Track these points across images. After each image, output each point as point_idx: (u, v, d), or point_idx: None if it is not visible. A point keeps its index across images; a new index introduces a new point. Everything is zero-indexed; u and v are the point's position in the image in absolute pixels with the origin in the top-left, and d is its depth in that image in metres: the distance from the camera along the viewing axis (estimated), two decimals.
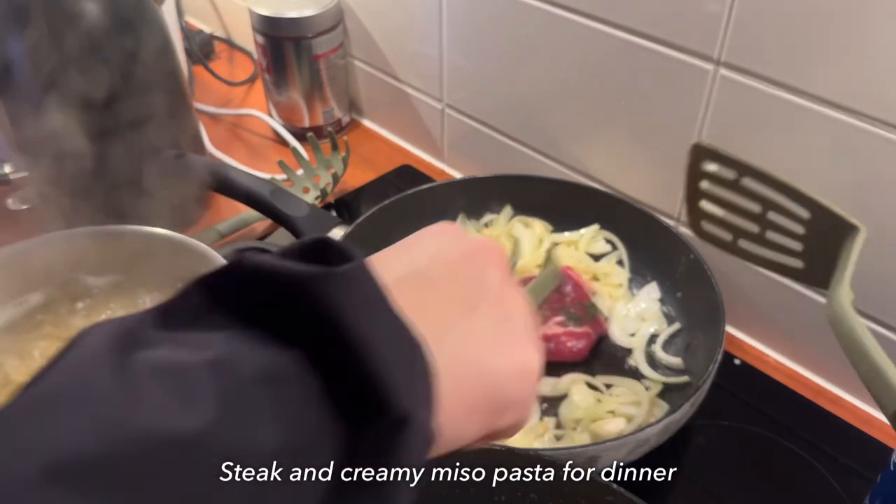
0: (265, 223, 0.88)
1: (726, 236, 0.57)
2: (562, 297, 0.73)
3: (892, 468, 0.50)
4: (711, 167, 0.55)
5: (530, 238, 0.81)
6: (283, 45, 0.95)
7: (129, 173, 0.71)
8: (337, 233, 0.75)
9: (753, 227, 0.55)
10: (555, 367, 0.70)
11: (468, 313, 0.31)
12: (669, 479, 0.60)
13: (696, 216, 0.58)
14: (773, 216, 0.53)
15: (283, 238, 0.83)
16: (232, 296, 0.25)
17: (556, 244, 0.80)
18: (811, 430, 0.66)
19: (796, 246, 0.53)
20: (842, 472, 0.63)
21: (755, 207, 0.54)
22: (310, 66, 0.97)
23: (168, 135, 0.81)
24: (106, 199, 0.69)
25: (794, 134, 0.63)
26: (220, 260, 0.60)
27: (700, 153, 0.55)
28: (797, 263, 0.53)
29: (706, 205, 0.57)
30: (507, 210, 0.83)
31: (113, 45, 0.76)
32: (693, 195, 0.57)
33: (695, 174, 0.56)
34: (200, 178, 0.79)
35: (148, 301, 0.64)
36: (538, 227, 0.82)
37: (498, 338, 0.31)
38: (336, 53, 0.98)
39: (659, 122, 0.73)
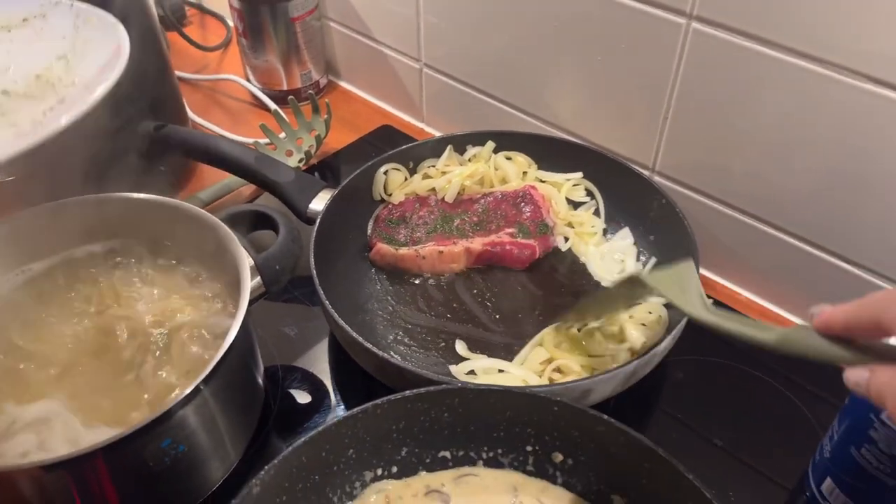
0: (250, 188, 0.90)
1: None
2: (519, 213, 0.80)
3: (846, 401, 0.54)
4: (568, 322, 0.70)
5: (514, 168, 0.84)
6: (259, 8, 0.96)
7: (111, 145, 0.72)
8: (323, 196, 0.77)
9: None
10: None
11: None
12: (652, 410, 0.64)
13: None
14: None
15: (269, 202, 0.85)
16: None
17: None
18: (782, 362, 0.71)
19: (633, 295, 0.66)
20: (811, 398, 0.68)
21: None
22: (286, 28, 0.97)
23: (149, 105, 0.82)
24: (90, 171, 0.70)
25: (766, 85, 0.66)
26: (212, 220, 0.61)
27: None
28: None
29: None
30: (490, 144, 0.85)
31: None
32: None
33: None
34: (183, 148, 0.80)
35: (151, 271, 0.66)
36: (521, 158, 0.85)
37: None
38: (312, 15, 0.99)
39: (634, 77, 0.75)
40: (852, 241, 0.68)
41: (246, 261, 0.58)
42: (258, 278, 0.60)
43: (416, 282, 0.77)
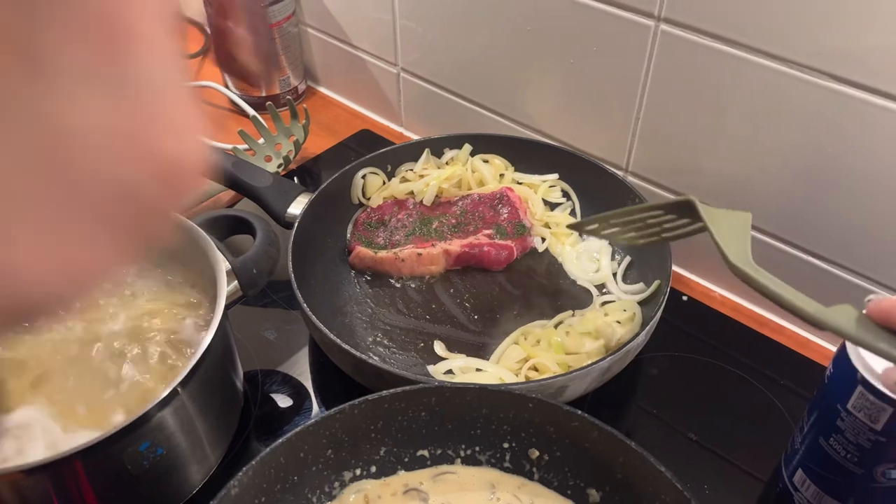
0: (229, 194, 0.90)
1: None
2: (496, 215, 0.81)
3: (825, 381, 0.55)
4: (591, 227, 0.61)
5: (491, 170, 0.85)
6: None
7: None
8: (301, 200, 0.78)
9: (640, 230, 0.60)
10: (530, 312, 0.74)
11: None
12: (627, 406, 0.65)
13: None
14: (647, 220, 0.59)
15: (248, 207, 0.85)
16: None
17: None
18: (755, 357, 0.72)
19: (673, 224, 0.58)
20: (784, 392, 0.70)
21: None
22: (264, 34, 0.98)
23: None
24: None
25: (733, 85, 0.67)
26: (188, 224, 0.62)
27: (578, 227, 0.65)
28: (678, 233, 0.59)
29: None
30: (467, 147, 0.86)
31: None
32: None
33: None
34: None
35: (132, 277, 0.66)
36: (498, 161, 0.87)
37: None
38: (289, 21, 0.99)
39: (606, 78, 0.77)
40: (820, 236, 0.70)
41: (222, 265, 0.58)
42: (235, 282, 0.61)
43: (396, 284, 0.78)
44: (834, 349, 0.55)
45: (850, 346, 0.52)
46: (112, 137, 0.19)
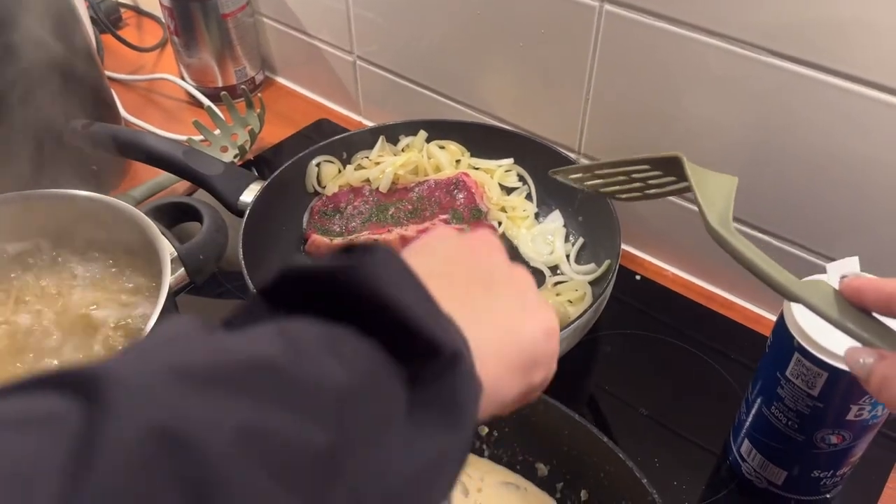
0: (184, 185, 0.90)
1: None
2: (453, 200, 0.80)
3: (766, 351, 0.56)
4: (575, 176, 0.61)
5: (447, 156, 0.85)
6: (189, 5, 0.95)
7: (36, 145, 0.72)
8: (253, 188, 0.77)
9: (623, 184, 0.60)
10: None
11: (487, 293, 0.36)
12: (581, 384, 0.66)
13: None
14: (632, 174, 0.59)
15: (204, 197, 0.85)
16: (286, 299, 0.28)
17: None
18: (706, 333, 0.73)
19: (658, 181, 0.58)
20: (734, 366, 0.70)
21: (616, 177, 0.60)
22: (218, 25, 0.97)
23: (78, 105, 0.82)
24: (16, 170, 0.70)
25: (679, 64, 0.68)
26: (133, 211, 0.62)
27: (559, 174, 0.63)
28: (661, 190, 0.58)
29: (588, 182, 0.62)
30: (423, 133, 0.86)
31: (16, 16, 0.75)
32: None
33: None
34: (109, 145, 0.79)
35: (77, 266, 0.65)
36: (453, 147, 0.87)
37: (520, 308, 0.36)
38: (244, 11, 0.99)
39: (555, 61, 0.77)
40: (766, 212, 0.70)
41: (167, 250, 0.58)
42: (181, 269, 0.60)
43: None
44: None
45: (787, 314, 0.53)
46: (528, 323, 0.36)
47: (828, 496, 0.60)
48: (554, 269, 0.77)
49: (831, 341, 0.49)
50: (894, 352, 0.37)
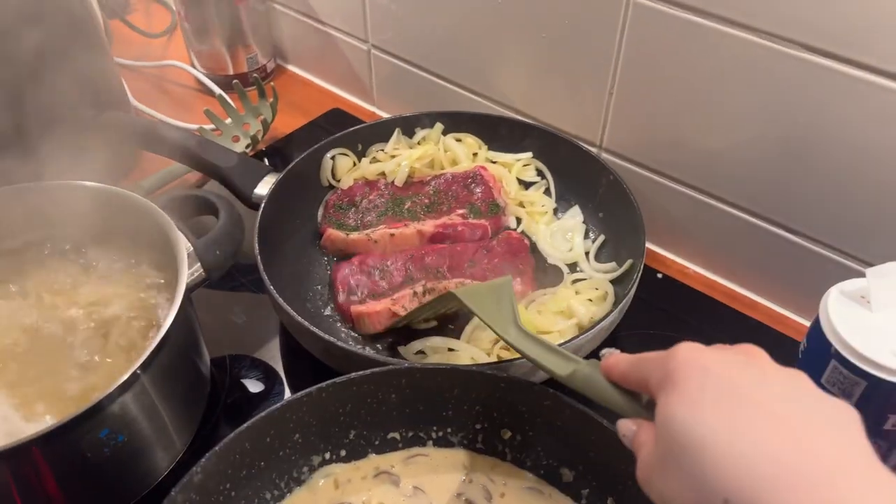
0: (196, 175, 0.88)
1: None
2: (470, 194, 0.79)
3: (800, 356, 0.55)
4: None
5: (464, 149, 0.84)
6: None
7: (48, 134, 0.70)
8: (268, 180, 0.76)
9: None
10: None
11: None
12: None
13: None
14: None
15: (216, 188, 0.83)
16: None
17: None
18: (730, 333, 0.71)
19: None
20: None
21: None
22: (230, 11, 0.95)
23: (88, 91, 0.80)
24: (26, 159, 0.68)
25: (705, 58, 0.66)
26: (149, 205, 0.60)
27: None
28: None
29: None
30: (439, 126, 0.85)
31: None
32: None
33: None
34: (123, 135, 0.78)
35: (92, 260, 0.64)
36: (470, 139, 0.85)
37: None
38: None
39: (578, 53, 0.75)
40: (795, 210, 0.69)
41: (183, 246, 0.57)
42: (198, 264, 0.59)
43: None
44: (807, 324, 0.54)
45: (823, 321, 0.51)
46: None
47: None
48: (573, 266, 0.76)
49: (871, 349, 0.48)
50: (649, 420, 0.40)
